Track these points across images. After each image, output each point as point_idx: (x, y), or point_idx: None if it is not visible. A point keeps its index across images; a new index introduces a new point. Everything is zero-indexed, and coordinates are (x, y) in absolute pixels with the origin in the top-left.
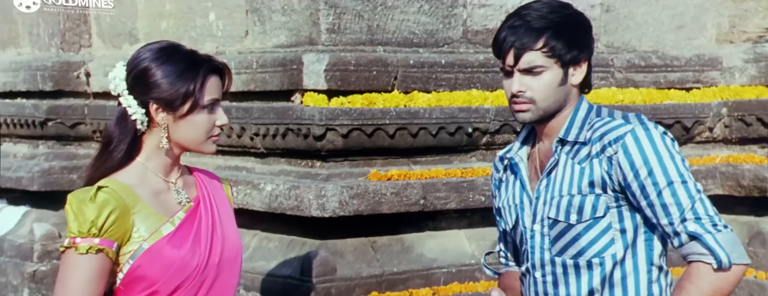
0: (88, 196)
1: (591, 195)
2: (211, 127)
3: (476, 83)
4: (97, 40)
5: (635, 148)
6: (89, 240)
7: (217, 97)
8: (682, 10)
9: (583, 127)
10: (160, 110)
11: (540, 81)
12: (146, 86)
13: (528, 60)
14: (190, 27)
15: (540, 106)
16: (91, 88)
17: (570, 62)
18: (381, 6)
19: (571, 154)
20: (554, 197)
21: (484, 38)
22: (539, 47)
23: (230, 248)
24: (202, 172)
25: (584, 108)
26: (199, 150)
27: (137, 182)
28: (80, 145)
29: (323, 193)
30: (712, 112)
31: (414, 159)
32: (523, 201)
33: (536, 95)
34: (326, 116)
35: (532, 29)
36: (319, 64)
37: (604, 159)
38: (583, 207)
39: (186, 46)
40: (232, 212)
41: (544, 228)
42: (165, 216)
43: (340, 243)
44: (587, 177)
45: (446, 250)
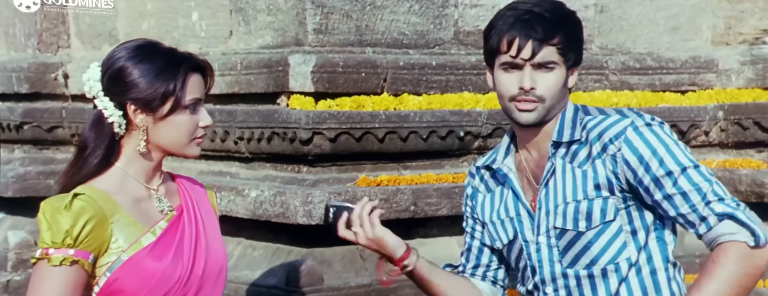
0: (63, 204)
1: (598, 198)
2: (193, 129)
3: (468, 85)
4: (75, 40)
5: (640, 141)
6: (63, 251)
7: (200, 97)
8: (677, 11)
9: (575, 126)
10: (139, 111)
11: (550, 78)
12: (123, 86)
13: (545, 54)
14: (172, 27)
15: (547, 106)
16: (70, 90)
17: (573, 64)
18: (370, 6)
19: (568, 158)
20: (558, 205)
21: (476, 39)
22: (556, 42)
23: (214, 260)
24: (185, 179)
25: (570, 109)
26: (182, 154)
27: (116, 189)
28: (58, 149)
29: (310, 200)
30: (708, 116)
31: (404, 164)
32: (519, 213)
33: (546, 93)
34: (313, 119)
35: (549, 22)
36: (305, 66)
37: (608, 158)
38: (592, 213)
39: (164, 44)
40: (217, 222)
41: (551, 240)
42: (145, 226)
43: (328, 252)
44: (592, 180)
45: (437, 258)
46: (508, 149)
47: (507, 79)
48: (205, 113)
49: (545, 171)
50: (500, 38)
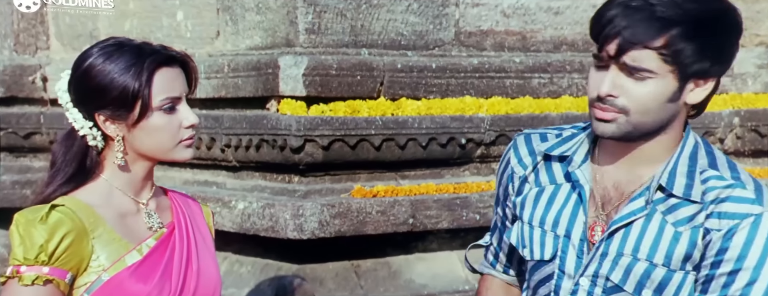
0: (39, 216)
1: (681, 272)
2: (175, 130)
3: (470, 89)
4: (55, 41)
5: (750, 242)
6: (36, 269)
7: (176, 95)
8: None
9: (693, 176)
10: (109, 121)
11: (641, 88)
12: (87, 95)
13: (635, 57)
14: (155, 27)
15: (632, 120)
16: (48, 94)
17: (693, 75)
18: (365, 4)
19: (664, 207)
20: (624, 255)
21: (478, 40)
22: (658, 46)
23: (206, 284)
24: (179, 195)
25: (690, 144)
26: (170, 159)
27: (101, 201)
28: (35, 156)
29: (301, 212)
30: (723, 122)
31: (402, 174)
32: (570, 235)
33: (632, 105)
34: (305, 126)
35: (654, 19)
36: (296, 68)
37: (703, 228)
38: (666, 286)
39: (136, 40)
40: (212, 242)
41: (596, 289)
42: (131, 243)
43: (320, 268)
44: (684, 248)
45: (437, 275)
46: (588, 153)
47: (593, 77)
48: (188, 111)
49: (629, 212)
50: (595, 23)
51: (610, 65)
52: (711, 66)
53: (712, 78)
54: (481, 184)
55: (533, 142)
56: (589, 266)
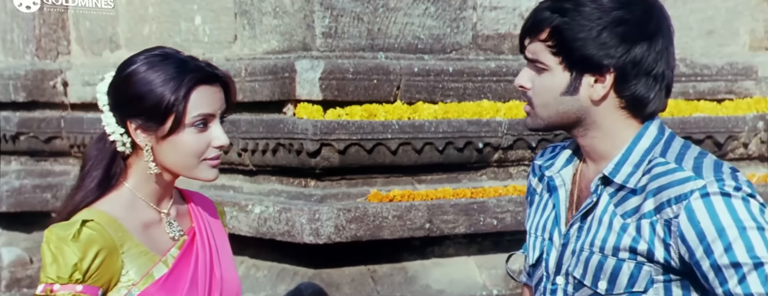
0: (71, 233)
1: (630, 261)
2: (203, 149)
3: (487, 93)
4: (75, 46)
5: (705, 214)
6: (70, 288)
7: (211, 112)
8: (712, 14)
9: (640, 166)
10: (140, 130)
11: (540, 81)
12: (123, 101)
13: (532, 50)
14: (174, 32)
15: (538, 112)
16: (69, 98)
17: (584, 69)
18: (382, 8)
19: (615, 199)
20: (584, 250)
21: (496, 44)
22: (543, 38)
23: (229, 290)
24: (196, 196)
25: (649, 137)
26: (192, 177)
27: (125, 213)
28: (56, 161)
29: (317, 217)
30: (746, 126)
31: (418, 178)
32: (553, 238)
33: (534, 97)
34: (321, 130)
35: (542, 11)
36: (313, 72)
37: (661, 222)
38: (617, 276)
39: (182, 53)
40: (229, 245)
41: (569, 287)
42: (157, 255)
43: (336, 273)
44: (630, 239)
45: (454, 281)
46: (571, 156)
47: None
48: (220, 131)
49: (584, 205)
50: None
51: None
52: (599, 58)
53: (607, 73)
54: (499, 189)
55: (547, 152)
56: (561, 265)
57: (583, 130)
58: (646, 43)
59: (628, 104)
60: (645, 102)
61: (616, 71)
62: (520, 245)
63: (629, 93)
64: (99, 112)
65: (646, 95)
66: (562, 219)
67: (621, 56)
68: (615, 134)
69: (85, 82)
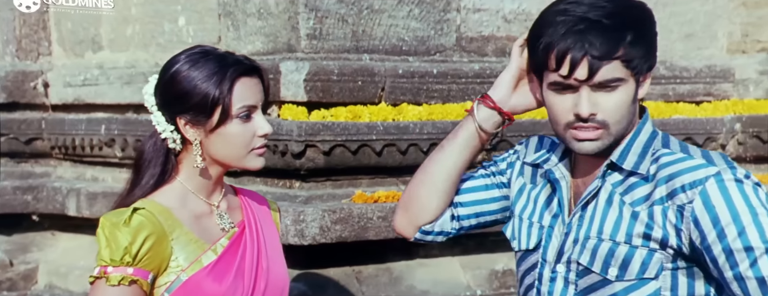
0: (122, 219)
1: (643, 248)
2: (250, 139)
3: (471, 95)
4: (57, 47)
5: (721, 199)
6: (122, 270)
7: (253, 104)
8: (692, 17)
9: (645, 155)
10: (189, 125)
11: (613, 99)
12: (171, 99)
13: (606, 72)
14: (158, 33)
15: (612, 132)
16: (50, 99)
17: (646, 70)
18: (367, 10)
19: (621, 189)
20: (590, 238)
21: (479, 46)
22: (619, 55)
23: (275, 283)
24: (248, 194)
25: (647, 130)
26: (241, 167)
27: (177, 204)
28: (37, 162)
29: (302, 218)
30: (724, 128)
31: (403, 179)
32: (553, 226)
33: (610, 117)
34: (306, 131)
35: (611, 31)
36: (298, 73)
37: (673, 208)
38: (630, 263)
39: (220, 49)
40: (280, 242)
41: (571, 274)
42: (206, 243)
43: (321, 274)
44: (643, 226)
45: (438, 281)
46: (567, 152)
47: (559, 103)
48: (263, 120)
49: (587, 192)
50: (547, 53)
51: (581, 88)
52: (653, 60)
53: (651, 70)
54: None
55: (541, 142)
56: (562, 253)
57: (622, 137)
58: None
59: (641, 100)
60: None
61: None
62: (504, 246)
63: (648, 88)
64: (79, 113)
65: None
66: (566, 210)
67: (656, 55)
68: (627, 129)
69: (66, 83)
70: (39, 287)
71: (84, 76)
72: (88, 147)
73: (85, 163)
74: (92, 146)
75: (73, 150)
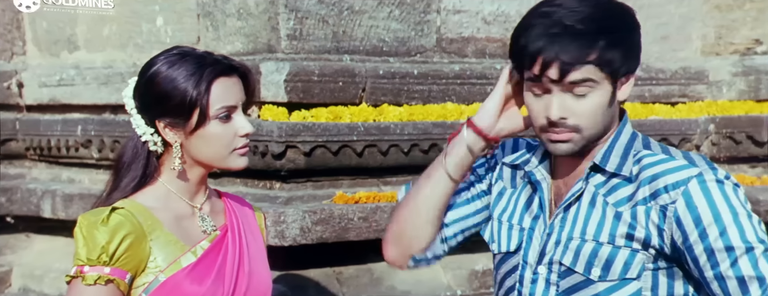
0: (100, 218)
1: (626, 248)
2: (231, 139)
3: (451, 96)
4: (31, 47)
5: (703, 199)
6: (98, 269)
7: (233, 104)
8: (667, 20)
9: (627, 156)
10: (168, 128)
11: (586, 103)
12: (149, 102)
13: (577, 75)
14: (135, 33)
15: (585, 135)
16: (24, 100)
17: (625, 73)
18: (347, 11)
19: (604, 190)
20: (573, 239)
21: (460, 47)
22: (592, 59)
23: (257, 287)
24: (232, 198)
25: (628, 132)
26: (225, 167)
27: (159, 205)
28: (10, 163)
29: (283, 219)
30: (699, 129)
31: (384, 180)
32: (534, 228)
33: (582, 121)
34: (286, 132)
35: (582, 36)
36: (278, 74)
37: (656, 208)
38: (613, 263)
39: (198, 50)
40: (264, 246)
41: (552, 275)
42: (186, 245)
43: (301, 275)
44: (626, 226)
45: (419, 281)
46: (546, 154)
47: (535, 105)
48: (244, 120)
49: (570, 194)
50: (523, 54)
51: (553, 89)
52: (633, 63)
53: (633, 72)
54: None
55: (520, 144)
56: (545, 255)
57: (600, 140)
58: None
59: (621, 102)
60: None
61: (635, 72)
62: (484, 247)
63: (631, 90)
64: (55, 113)
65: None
66: (546, 210)
67: (639, 58)
68: (608, 131)
69: (41, 83)
70: (13, 290)
71: (60, 76)
72: (64, 148)
73: (61, 164)
74: (68, 147)
75: (49, 152)
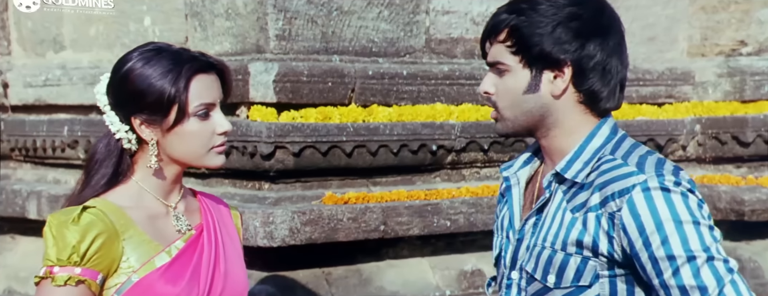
0: (71, 218)
1: (576, 255)
2: (209, 137)
3: (440, 96)
4: (17, 47)
5: (645, 207)
6: (69, 270)
7: (211, 101)
8: (653, 21)
9: (590, 163)
10: (145, 125)
11: (502, 83)
12: (125, 99)
13: (493, 54)
14: (122, 32)
15: (506, 115)
16: (10, 100)
17: (543, 65)
18: (336, 11)
19: (568, 196)
20: (536, 245)
21: (448, 48)
22: (501, 39)
23: (233, 287)
24: (208, 197)
25: (601, 137)
26: (202, 165)
27: (131, 204)
28: None
29: (272, 220)
30: (685, 129)
31: (373, 180)
32: (508, 235)
33: (499, 100)
34: (275, 132)
35: (499, 14)
36: (267, 74)
37: (606, 215)
38: (565, 270)
39: (174, 46)
40: (240, 245)
41: (522, 281)
42: (160, 245)
43: (290, 276)
44: (576, 233)
45: (408, 282)
46: (530, 158)
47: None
48: (222, 118)
49: (540, 200)
50: None
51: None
52: (559, 54)
53: (565, 67)
54: (452, 191)
55: (504, 165)
56: (516, 260)
57: (546, 129)
58: (600, 38)
59: (585, 99)
60: (600, 96)
61: (573, 65)
62: (473, 247)
63: (587, 87)
64: (41, 114)
65: (602, 90)
66: (516, 216)
67: (576, 50)
68: (573, 131)
69: (27, 83)
70: None
71: (45, 77)
72: (50, 148)
73: (46, 165)
74: (54, 148)
75: (34, 152)
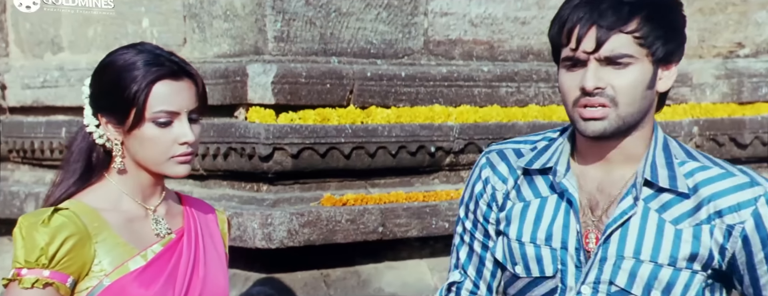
0: (41, 219)
1: (686, 270)
2: (168, 146)
3: (439, 98)
4: (14, 48)
5: None
6: (37, 272)
7: (175, 110)
8: None
9: (672, 167)
10: (109, 124)
11: (624, 76)
12: (96, 94)
13: (614, 46)
14: (120, 34)
15: (621, 113)
16: (7, 102)
17: (663, 60)
18: (335, 12)
19: (656, 204)
20: (626, 258)
21: (447, 49)
22: (631, 30)
23: (211, 292)
24: (194, 201)
25: (661, 137)
26: (161, 173)
27: (108, 205)
28: None
29: (270, 221)
30: (683, 131)
31: (372, 182)
32: (566, 247)
33: (620, 96)
34: (274, 134)
35: (622, 4)
36: (265, 76)
37: (721, 227)
38: (674, 286)
39: (161, 48)
40: (224, 251)
41: (599, 295)
42: (136, 248)
43: (289, 278)
44: (689, 247)
45: (406, 284)
46: (567, 160)
47: (568, 79)
48: (185, 127)
49: (620, 212)
50: (560, 26)
51: (589, 61)
52: (675, 48)
53: (675, 63)
54: (451, 192)
55: (509, 157)
56: (589, 273)
57: (632, 129)
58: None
59: (661, 99)
60: (665, 100)
61: (678, 63)
62: None
63: (671, 86)
64: (39, 115)
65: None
66: (573, 226)
67: (682, 49)
68: (647, 133)
69: (24, 84)
70: None
71: (43, 78)
72: (48, 150)
73: (44, 167)
74: (52, 149)
75: (32, 154)
